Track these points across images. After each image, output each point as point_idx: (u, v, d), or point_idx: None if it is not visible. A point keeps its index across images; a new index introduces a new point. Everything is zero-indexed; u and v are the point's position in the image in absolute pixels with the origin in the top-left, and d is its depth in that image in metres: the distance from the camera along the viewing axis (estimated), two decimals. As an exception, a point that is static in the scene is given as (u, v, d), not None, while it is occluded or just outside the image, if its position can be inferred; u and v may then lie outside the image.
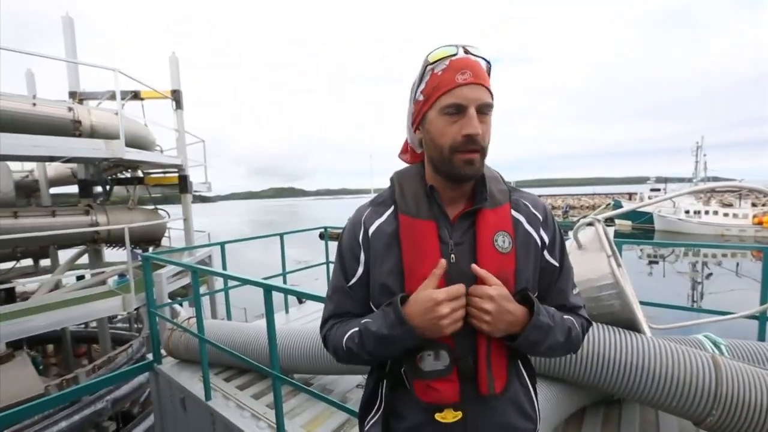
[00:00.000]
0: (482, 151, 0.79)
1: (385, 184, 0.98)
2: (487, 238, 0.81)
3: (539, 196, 0.95)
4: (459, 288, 0.75)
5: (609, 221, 2.08)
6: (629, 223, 29.48)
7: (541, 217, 0.88)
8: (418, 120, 0.85)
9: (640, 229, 28.90)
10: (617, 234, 2.30)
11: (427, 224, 0.83)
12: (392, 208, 0.88)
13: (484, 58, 0.81)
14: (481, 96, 0.76)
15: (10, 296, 6.05)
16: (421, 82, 0.83)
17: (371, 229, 0.88)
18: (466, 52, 0.79)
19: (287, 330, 2.86)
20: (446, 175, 0.83)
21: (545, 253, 0.87)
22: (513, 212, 0.86)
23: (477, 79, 0.76)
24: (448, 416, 0.79)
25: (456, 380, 0.79)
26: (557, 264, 0.89)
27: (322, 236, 6.02)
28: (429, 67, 0.81)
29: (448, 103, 0.76)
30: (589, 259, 1.86)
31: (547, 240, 0.87)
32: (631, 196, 39.71)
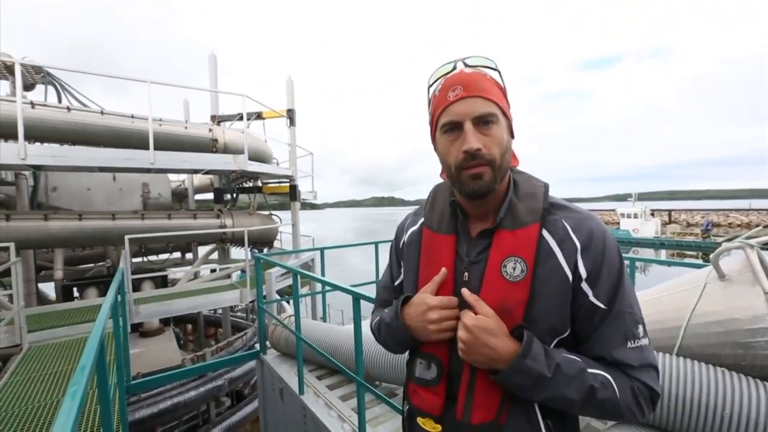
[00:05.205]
0: (491, 164, 0.74)
1: None
2: (494, 263, 0.75)
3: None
4: (451, 299, 0.78)
5: (769, 246, 1.63)
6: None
7: (579, 244, 0.73)
8: (433, 142, 0.87)
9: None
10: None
11: (445, 239, 0.84)
12: (422, 219, 0.93)
13: (486, 66, 0.78)
14: (476, 108, 0.73)
15: (164, 282, 7.45)
16: (429, 104, 0.84)
17: (404, 239, 0.96)
18: (465, 65, 0.78)
19: (374, 337, 2.92)
20: (460, 193, 0.82)
21: (584, 287, 0.73)
22: (544, 235, 0.75)
23: (469, 92, 0.74)
24: (428, 425, 0.80)
25: (442, 395, 0.79)
26: (603, 305, 0.73)
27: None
28: (430, 89, 0.83)
29: (444, 122, 0.77)
30: (736, 294, 1.47)
31: (584, 272, 0.73)
32: (811, 212, 30.67)
